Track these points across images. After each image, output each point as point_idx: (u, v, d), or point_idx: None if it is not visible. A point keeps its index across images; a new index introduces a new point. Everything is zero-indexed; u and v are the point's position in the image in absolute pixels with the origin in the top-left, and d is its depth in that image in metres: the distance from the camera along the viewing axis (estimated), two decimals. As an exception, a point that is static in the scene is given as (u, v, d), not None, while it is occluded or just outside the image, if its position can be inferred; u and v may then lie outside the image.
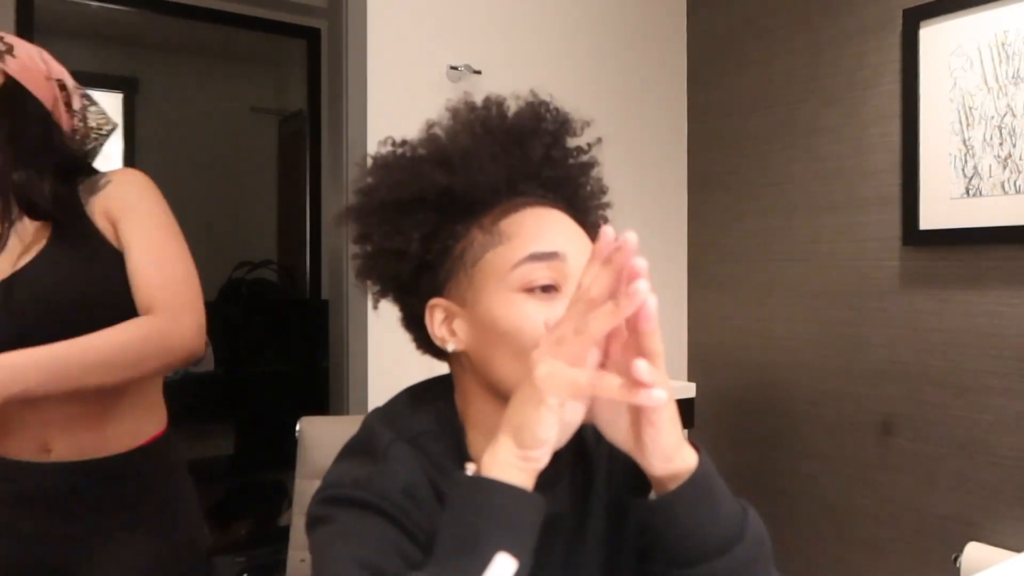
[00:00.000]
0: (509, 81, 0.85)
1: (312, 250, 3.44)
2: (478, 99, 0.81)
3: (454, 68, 2.10)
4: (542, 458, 0.60)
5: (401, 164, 0.78)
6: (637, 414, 0.61)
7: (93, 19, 3.05)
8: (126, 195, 1.11)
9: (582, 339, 0.57)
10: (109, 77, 3.35)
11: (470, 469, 0.61)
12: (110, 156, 3.27)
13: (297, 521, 1.35)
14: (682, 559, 0.63)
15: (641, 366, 0.54)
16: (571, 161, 0.82)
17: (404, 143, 0.80)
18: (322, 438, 1.35)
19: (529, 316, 0.69)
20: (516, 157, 0.77)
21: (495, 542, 0.56)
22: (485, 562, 0.55)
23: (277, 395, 2.96)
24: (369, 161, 0.80)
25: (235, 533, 2.78)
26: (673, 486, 0.63)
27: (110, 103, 3.27)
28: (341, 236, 2.11)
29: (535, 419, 0.58)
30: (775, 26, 2.35)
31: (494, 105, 0.80)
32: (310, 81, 3.42)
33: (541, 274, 0.70)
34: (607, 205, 0.85)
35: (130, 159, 3.37)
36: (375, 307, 0.84)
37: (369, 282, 0.81)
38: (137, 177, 1.15)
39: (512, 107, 0.80)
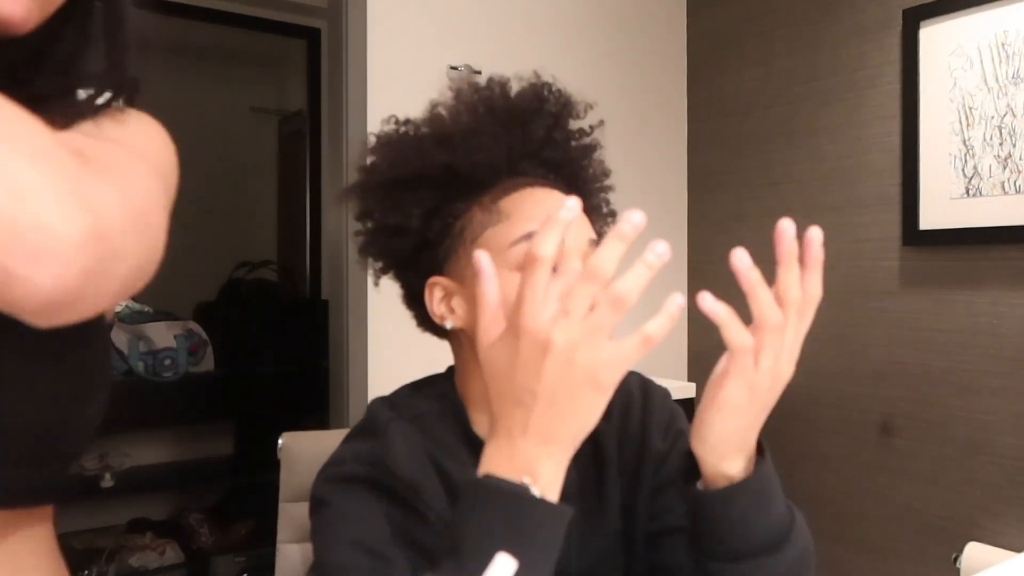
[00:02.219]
0: (509, 81, 0.85)
1: (312, 250, 3.44)
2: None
3: (454, 68, 2.10)
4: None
5: (404, 142, 0.78)
6: (718, 388, 0.61)
7: (93, 19, 3.05)
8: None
9: (616, 308, 0.51)
10: (109, 77, 3.34)
11: (529, 485, 0.53)
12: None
13: (284, 550, 1.13)
14: (730, 553, 0.63)
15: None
16: (573, 143, 0.81)
17: (407, 122, 0.80)
18: (308, 455, 1.13)
19: None
20: (517, 137, 0.77)
21: (506, 550, 0.52)
22: (485, 564, 0.54)
23: (277, 395, 2.96)
24: (372, 140, 0.80)
25: (235, 533, 2.78)
26: (718, 485, 0.62)
27: (110, 103, 3.27)
28: (341, 235, 2.11)
29: (591, 413, 0.53)
30: (775, 26, 2.35)
31: (497, 85, 0.80)
32: (310, 81, 3.42)
33: None
34: (609, 188, 0.85)
35: (130, 159, 3.37)
36: (376, 284, 0.83)
37: (370, 259, 0.81)
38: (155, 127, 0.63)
39: (515, 88, 0.80)
